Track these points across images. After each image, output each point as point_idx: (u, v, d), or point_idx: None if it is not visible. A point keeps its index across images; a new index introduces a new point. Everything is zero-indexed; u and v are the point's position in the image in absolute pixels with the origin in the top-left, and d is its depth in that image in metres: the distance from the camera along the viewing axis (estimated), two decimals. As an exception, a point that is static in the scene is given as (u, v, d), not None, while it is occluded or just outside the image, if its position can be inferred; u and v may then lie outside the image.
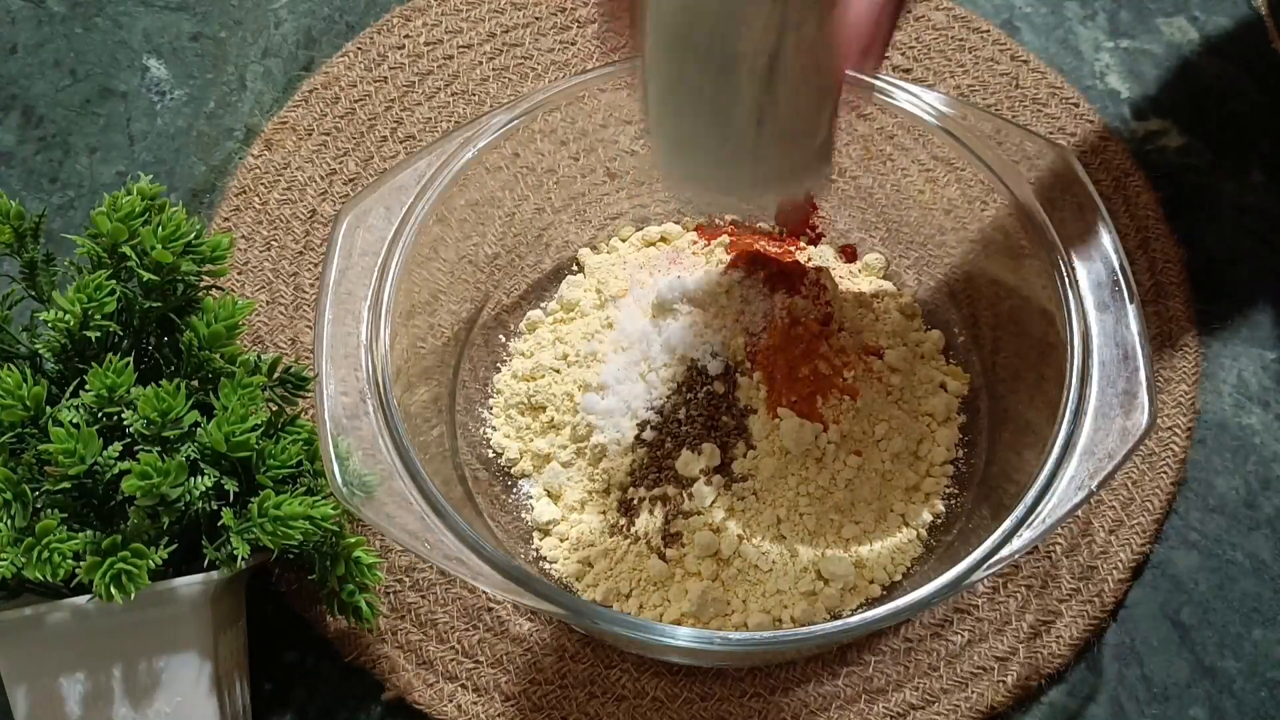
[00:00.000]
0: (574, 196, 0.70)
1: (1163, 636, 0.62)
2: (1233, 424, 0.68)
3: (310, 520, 0.52)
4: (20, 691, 0.52)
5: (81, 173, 0.77)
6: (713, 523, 0.60)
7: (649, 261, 0.68)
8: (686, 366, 0.62)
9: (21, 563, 0.48)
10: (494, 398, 0.67)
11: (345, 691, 0.61)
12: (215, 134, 0.78)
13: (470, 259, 0.66)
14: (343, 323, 0.56)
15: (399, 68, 0.79)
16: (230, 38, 0.82)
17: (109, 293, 0.53)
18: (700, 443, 0.61)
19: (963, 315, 0.67)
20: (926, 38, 0.80)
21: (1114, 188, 0.74)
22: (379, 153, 0.77)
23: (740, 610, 0.59)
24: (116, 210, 0.55)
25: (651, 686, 0.61)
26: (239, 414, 0.52)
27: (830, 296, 0.64)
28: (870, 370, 0.64)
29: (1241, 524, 0.65)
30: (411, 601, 0.63)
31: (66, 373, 0.54)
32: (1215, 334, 0.70)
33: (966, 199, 0.64)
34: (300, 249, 0.73)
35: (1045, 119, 0.77)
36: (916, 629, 0.62)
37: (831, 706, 0.60)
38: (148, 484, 0.49)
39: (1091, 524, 0.64)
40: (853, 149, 0.69)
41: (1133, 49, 0.81)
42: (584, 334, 0.66)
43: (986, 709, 0.60)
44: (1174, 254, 0.72)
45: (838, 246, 0.71)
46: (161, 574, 0.52)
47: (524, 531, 0.63)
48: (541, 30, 0.81)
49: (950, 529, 0.62)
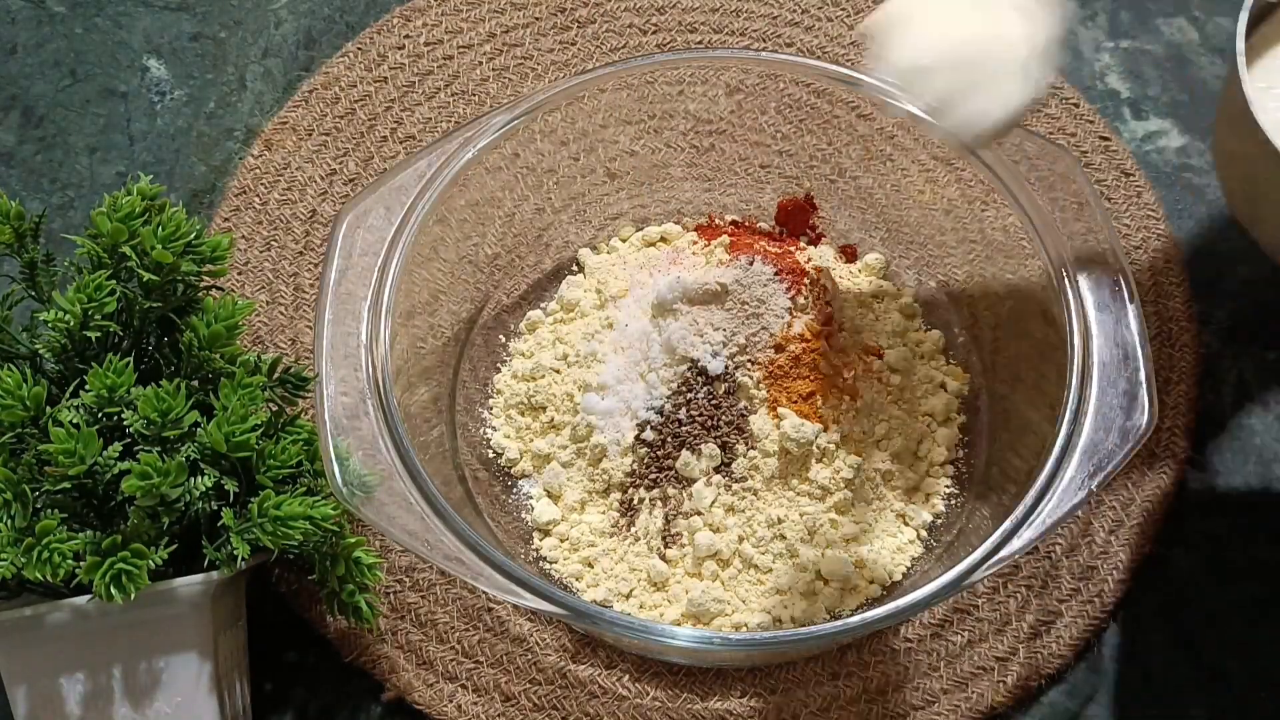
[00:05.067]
0: (574, 196, 0.70)
1: (1163, 636, 0.62)
2: (1233, 424, 0.68)
3: (310, 520, 0.52)
4: (20, 691, 0.52)
5: (81, 173, 0.77)
6: (713, 523, 0.60)
7: (649, 261, 0.68)
8: (686, 366, 0.62)
9: (21, 563, 0.48)
10: (494, 398, 0.67)
11: (345, 691, 0.61)
12: (215, 134, 0.78)
13: (470, 259, 0.66)
14: (343, 323, 0.56)
15: (399, 68, 0.79)
16: (230, 38, 0.82)
17: (109, 293, 0.53)
18: (700, 443, 0.61)
19: (963, 315, 0.67)
20: (926, 38, 0.80)
21: (1114, 188, 0.74)
22: (379, 153, 0.77)
23: (740, 610, 0.59)
24: (116, 210, 0.55)
25: (651, 686, 0.61)
26: (239, 414, 0.52)
27: (830, 296, 0.64)
28: (870, 370, 0.64)
29: (1241, 524, 0.65)
30: (411, 601, 0.63)
31: (66, 373, 0.54)
32: (1215, 334, 0.70)
33: (966, 199, 0.64)
34: (300, 249, 0.73)
35: (1045, 119, 0.77)
36: (916, 629, 0.62)
37: (831, 707, 0.60)
38: (148, 484, 0.49)
39: (1091, 524, 0.64)
40: (853, 149, 0.69)
41: (1133, 49, 0.81)
42: (584, 334, 0.66)
43: (986, 709, 0.60)
44: (1174, 254, 0.72)
45: (838, 246, 0.71)
46: (161, 574, 0.52)
47: (524, 531, 0.63)
48: (541, 30, 0.81)
49: (950, 529, 0.62)
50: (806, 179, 0.70)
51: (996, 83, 0.48)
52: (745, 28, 0.81)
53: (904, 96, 0.59)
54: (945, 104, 0.49)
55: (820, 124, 0.68)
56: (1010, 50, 0.47)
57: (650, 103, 0.68)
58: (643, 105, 0.68)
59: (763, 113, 0.69)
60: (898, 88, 0.51)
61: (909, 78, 0.49)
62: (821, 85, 0.66)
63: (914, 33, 0.48)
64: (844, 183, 0.70)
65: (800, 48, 0.80)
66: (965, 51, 0.48)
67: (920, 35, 0.48)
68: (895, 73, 0.49)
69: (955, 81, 0.48)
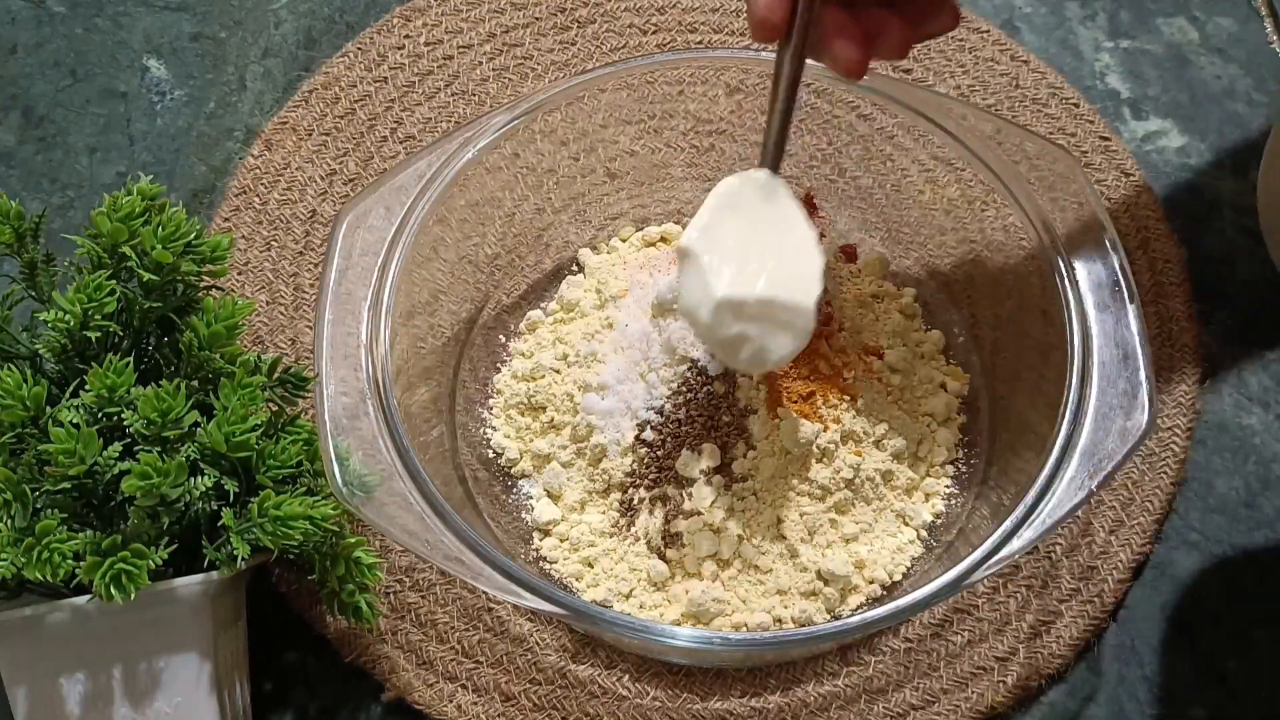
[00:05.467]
0: (574, 196, 0.70)
1: (1163, 636, 0.62)
2: (1233, 424, 0.68)
3: (310, 520, 0.52)
4: (20, 691, 0.52)
5: (81, 173, 0.77)
6: (713, 523, 0.60)
7: (649, 261, 0.68)
8: (686, 366, 0.62)
9: (21, 563, 0.48)
10: (494, 398, 0.67)
11: (345, 691, 0.61)
12: (215, 134, 0.78)
13: (470, 259, 0.66)
14: (343, 323, 0.56)
15: (399, 68, 0.79)
16: (230, 38, 0.82)
17: (109, 293, 0.53)
18: (700, 443, 0.61)
19: (963, 315, 0.67)
20: (926, 38, 0.80)
21: (1114, 188, 0.74)
22: (379, 153, 0.77)
23: (740, 610, 0.59)
24: (116, 210, 0.55)
25: (651, 686, 0.61)
26: (239, 414, 0.52)
27: (830, 296, 0.64)
28: (870, 370, 0.64)
29: (1241, 524, 0.65)
30: (411, 601, 0.63)
31: (66, 373, 0.54)
32: (1215, 334, 0.70)
33: (966, 199, 0.64)
34: (300, 249, 0.73)
35: (1045, 119, 0.77)
36: (916, 629, 0.62)
37: (831, 706, 0.60)
38: (148, 484, 0.49)
39: (1091, 524, 0.64)
40: (853, 149, 0.69)
41: (1133, 49, 0.81)
42: (584, 334, 0.66)
43: (986, 709, 0.60)
44: (1174, 254, 0.72)
45: (838, 246, 0.71)
46: (161, 574, 0.52)
47: (524, 531, 0.63)
48: (541, 30, 0.81)
49: (950, 529, 0.62)
50: (806, 179, 0.70)
51: (776, 335, 0.54)
52: (745, 28, 0.81)
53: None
54: (729, 349, 0.55)
55: (820, 124, 0.68)
56: (789, 312, 0.53)
57: (650, 103, 0.68)
58: (643, 105, 0.68)
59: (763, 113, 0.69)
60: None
61: (703, 323, 0.54)
62: (821, 85, 0.66)
63: (712, 280, 0.53)
64: (844, 183, 0.70)
65: (800, 48, 0.80)
66: (754, 309, 0.53)
67: (717, 284, 0.53)
68: (689, 314, 0.54)
69: (744, 332, 0.54)
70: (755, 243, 0.54)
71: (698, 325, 0.55)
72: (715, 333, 0.54)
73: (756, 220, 0.54)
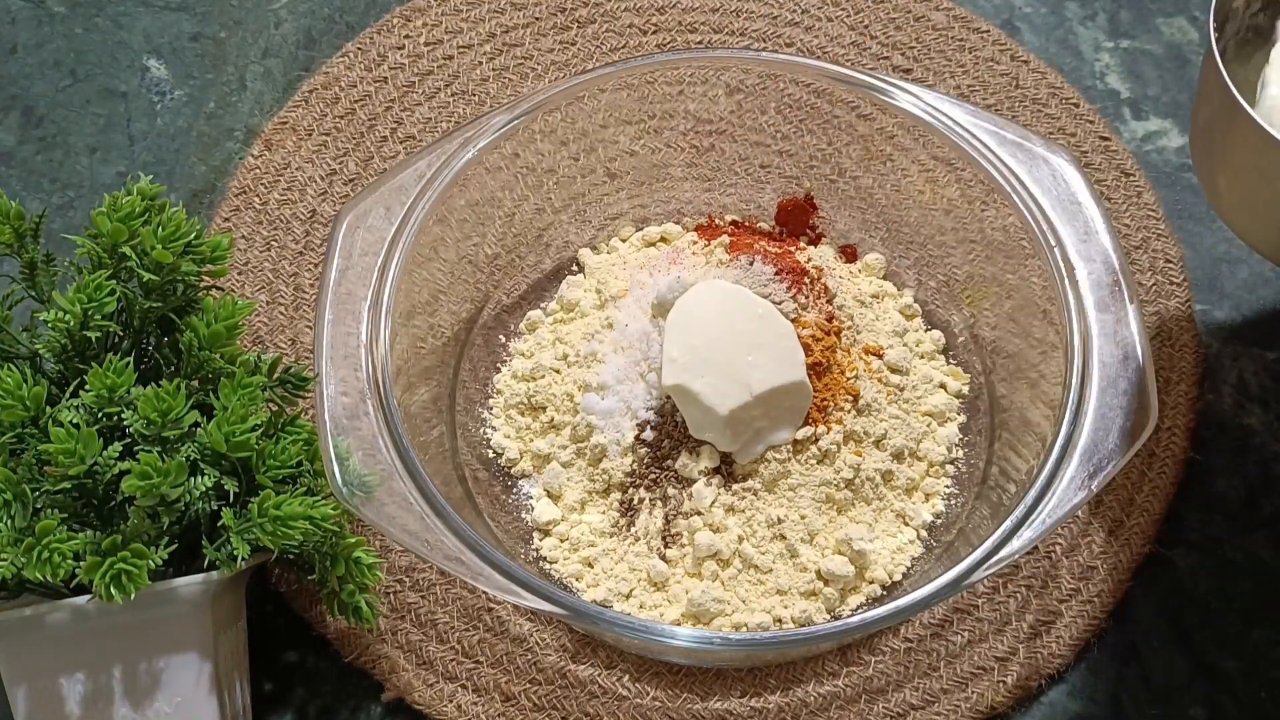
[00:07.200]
0: (574, 196, 0.70)
1: (1163, 636, 0.62)
2: (1233, 424, 0.68)
3: (310, 520, 0.52)
4: (20, 691, 0.52)
5: (81, 173, 0.77)
6: (713, 523, 0.60)
7: (649, 261, 0.68)
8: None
9: (21, 563, 0.48)
10: (494, 398, 0.67)
11: (345, 691, 0.61)
12: (215, 134, 0.78)
13: (470, 259, 0.66)
14: (343, 323, 0.56)
15: (399, 68, 0.79)
16: (230, 38, 0.82)
17: (109, 293, 0.53)
18: (700, 443, 0.61)
19: (963, 315, 0.67)
20: (926, 38, 0.80)
21: (1114, 188, 0.74)
22: (379, 153, 0.77)
23: (740, 610, 0.59)
24: (116, 210, 0.55)
25: (651, 686, 0.61)
26: (239, 414, 0.52)
27: (830, 296, 0.64)
28: (870, 370, 0.64)
29: (1241, 524, 0.65)
30: (411, 601, 0.63)
31: (66, 373, 0.54)
32: (1215, 334, 0.70)
33: (966, 199, 0.64)
34: (300, 249, 0.73)
35: (1045, 119, 0.77)
36: (916, 629, 0.62)
37: (831, 706, 0.60)
38: (148, 484, 0.49)
39: (1091, 524, 0.64)
40: (853, 149, 0.69)
41: (1133, 49, 0.81)
42: (584, 334, 0.66)
43: (986, 709, 0.60)
44: (1174, 254, 0.72)
45: (838, 246, 0.71)
46: (161, 574, 0.52)
47: (524, 531, 0.63)
48: (541, 30, 0.81)
49: (950, 529, 0.62)
50: (806, 179, 0.70)
51: (784, 414, 0.60)
52: (745, 28, 0.81)
53: (904, 97, 0.60)
54: (749, 444, 0.60)
55: (820, 124, 0.68)
56: (790, 393, 0.59)
57: (650, 103, 0.68)
58: (643, 105, 0.68)
59: (763, 113, 0.69)
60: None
61: (723, 441, 0.60)
62: (821, 85, 0.66)
63: (713, 403, 0.58)
64: (844, 183, 0.70)
65: (800, 48, 0.80)
66: (759, 404, 0.59)
67: (720, 404, 0.58)
68: (705, 438, 0.60)
69: (756, 424, 0.59)
70: (728, 343, 0.59)
71: (719, 443, 0.60)
72: (735, 441, 0.59)
73: (716, 322, 0.60)
